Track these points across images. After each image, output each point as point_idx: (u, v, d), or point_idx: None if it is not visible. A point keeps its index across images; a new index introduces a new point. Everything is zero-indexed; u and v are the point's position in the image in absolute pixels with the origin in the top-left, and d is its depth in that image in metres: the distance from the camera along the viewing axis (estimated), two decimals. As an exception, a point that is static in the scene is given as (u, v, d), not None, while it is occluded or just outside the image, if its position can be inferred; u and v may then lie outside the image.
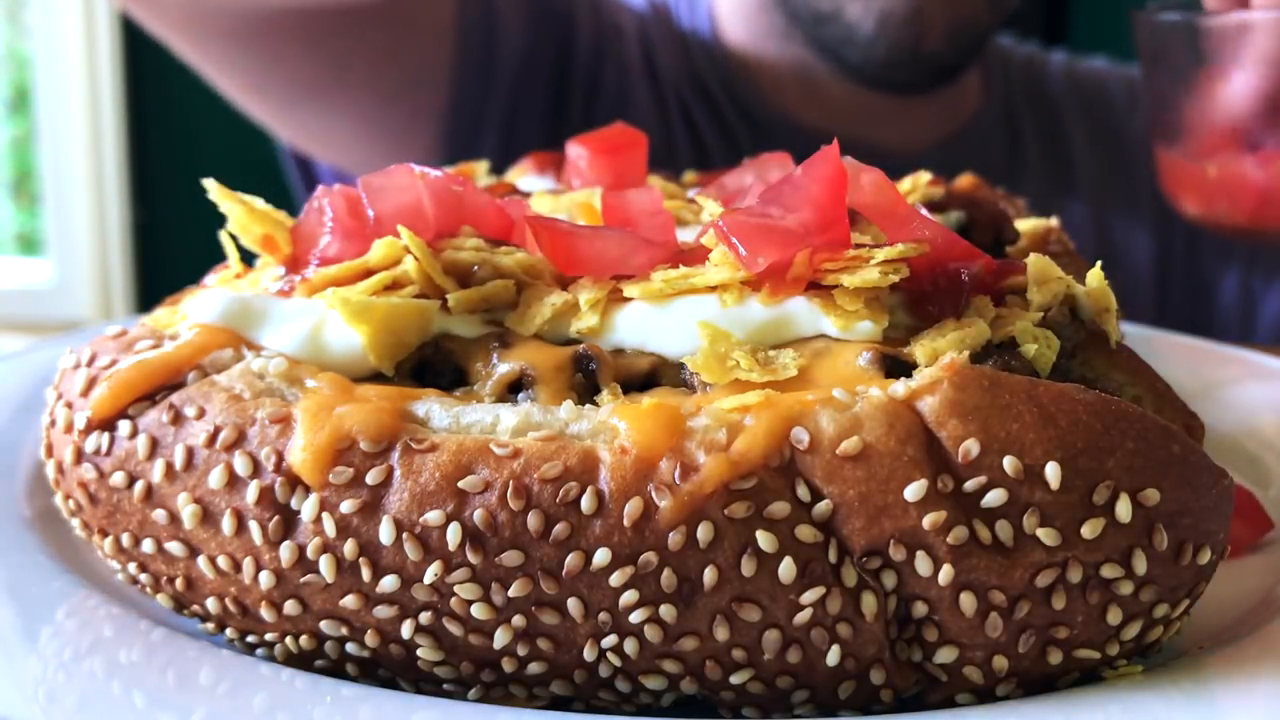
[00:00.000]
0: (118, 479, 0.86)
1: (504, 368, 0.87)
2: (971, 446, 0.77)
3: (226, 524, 0.82)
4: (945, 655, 0.80)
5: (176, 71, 2.54)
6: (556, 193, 1.21)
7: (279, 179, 2.46)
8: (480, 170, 1.35)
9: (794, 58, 2.31)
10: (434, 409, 0.83)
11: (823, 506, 0.77)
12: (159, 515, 0.85)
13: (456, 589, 0.78)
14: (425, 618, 0.80)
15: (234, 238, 1.01)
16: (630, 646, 0.79)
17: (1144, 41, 1.78)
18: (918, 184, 1.24)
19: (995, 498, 0.77)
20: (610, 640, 0.79)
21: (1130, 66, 2.59)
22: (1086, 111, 2.53)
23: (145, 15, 2.08)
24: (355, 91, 2.19)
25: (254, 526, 0.82)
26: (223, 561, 0.83)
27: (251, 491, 0.82)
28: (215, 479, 0.83)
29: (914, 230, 0.89)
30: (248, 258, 1.04)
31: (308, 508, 0.80)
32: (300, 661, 0.85)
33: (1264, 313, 2.42)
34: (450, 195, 0.97)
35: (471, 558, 0.78)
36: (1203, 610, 0.87)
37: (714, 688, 0.81)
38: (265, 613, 0.83)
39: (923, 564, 0.77)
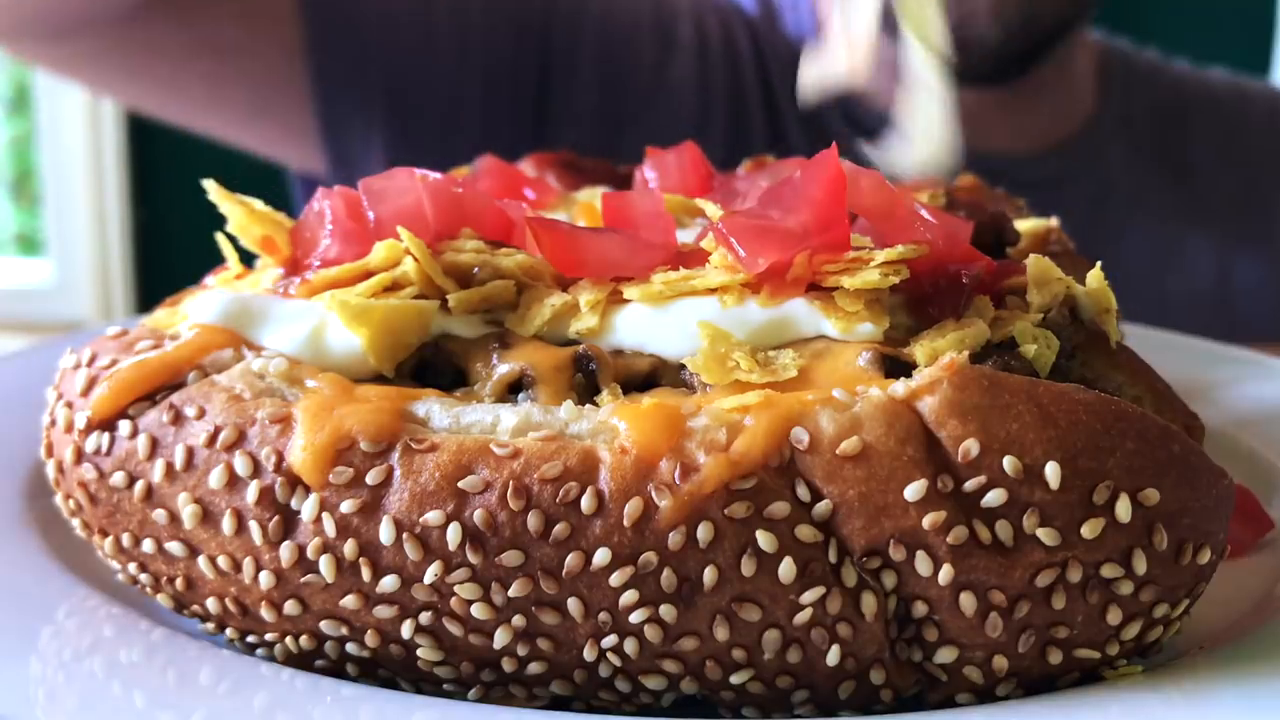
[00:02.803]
0: (118, 479, 0.86)
1: (504, 368, 0.87)
2: (971, 446, 0.77)
3: (226, 524, 0.82)
4: (945, 655, 0.80)
5: (176, 72, 2.53)
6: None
7: (278, 180, 2.45)
8: None
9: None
10: (434, 409, 0.83)
11: (823, 506, 0.77)
12: (159, 515, 0.85)
13: (456, 589, 0.78)
14: (425, 618, 0.80)
15: (233, 239, 1.01)
16: (630, 646, 0.79)
17: None
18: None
19: (995, 498, 0.77)
20: (610, 640, 0.79)
21: (1260, 80, 2.46)
22: (1217, 129, 2.39)
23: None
24: (206, 115, 2.14)
25: (254, 526, 0.82)
26: (223, 561, 0.83)
27: (251, 491, 0.82)
28: (215, 479, 0.83)
29: (914, 232, 0.89)
30: (247, 259, 1.04)
31: (308, 508, 0.80)
32: (300, 661, 0.85)
33: None
34: (450, 197, 0.97)
35: (471, 558, 0.78)
36: (1203, 610, 0.87)
37: (714, 688, 0.81)
38: (265, 613, 0.83)
39: (923, 564, 0.77)
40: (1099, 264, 0.92)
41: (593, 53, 2.20)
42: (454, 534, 0.78)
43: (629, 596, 0.77)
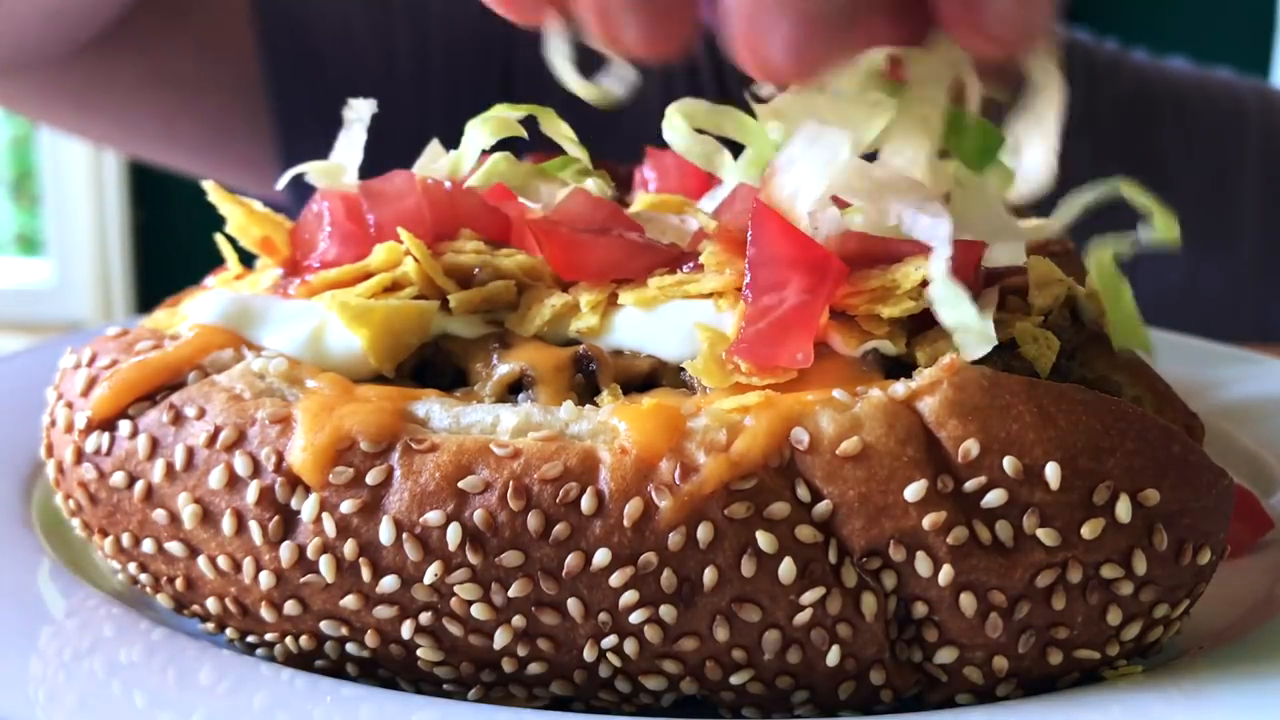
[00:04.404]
0: (118, 479, 0.86)
1: (504, 368, 0.87)
2: (971, 447, 0.77)
3: (226, 524, 0.82)
4: (945, 656, 0.80)
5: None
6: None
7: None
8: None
9: None
10: (434, 409, 0.83)
11: (823, 507, 0.77)
12: (159, 515, 0.85)
13: (456, 589, 0.79)
14: (425, 618, 0.80)
15: (232, 240, 1.01)
16: (630, 647, 0.79)
17: None
18: None
19: (995, 498, 0.77)
20: (610, 641, 0.79)
21: (1221, 74, 2.38)
22: (1182, 120, 2.32)
23: None
24: (160, 148, 2.08)
25: (254, 526, 0.82)
26: (223, 561, 0.83)
27: (251, 491, 0.82)
28: (215, 479, 0.83)
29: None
30: (246, 260, 1.04)
31: (308, 508, 0.80)
32: (300, 661, 0.85)
33: None
34: (446, 198, 0.97)
35: (471, 558, 0.78)
36: (1203, 610, 0.87)
37: (714, 688, 0.81)
38: (265, 613, 0.83)
39: (923, 564, 0.77)
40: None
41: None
42: (454, 534, 0.78)
43: (629, 597, 0.77)
